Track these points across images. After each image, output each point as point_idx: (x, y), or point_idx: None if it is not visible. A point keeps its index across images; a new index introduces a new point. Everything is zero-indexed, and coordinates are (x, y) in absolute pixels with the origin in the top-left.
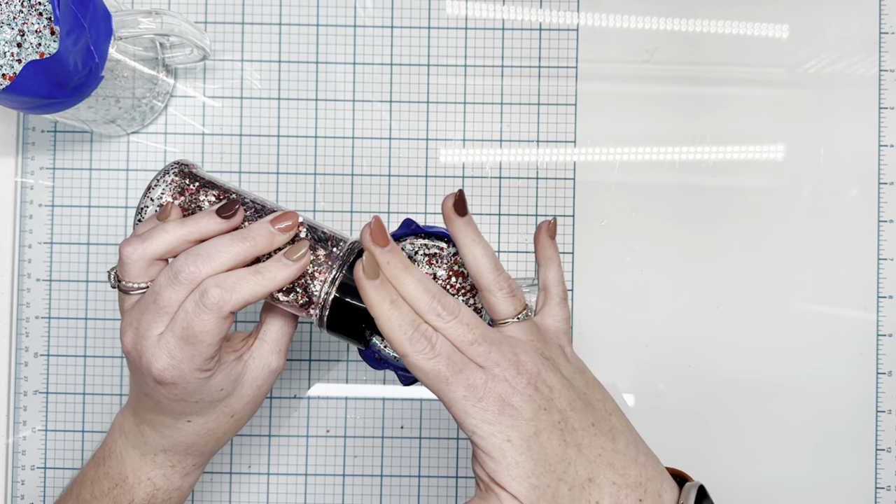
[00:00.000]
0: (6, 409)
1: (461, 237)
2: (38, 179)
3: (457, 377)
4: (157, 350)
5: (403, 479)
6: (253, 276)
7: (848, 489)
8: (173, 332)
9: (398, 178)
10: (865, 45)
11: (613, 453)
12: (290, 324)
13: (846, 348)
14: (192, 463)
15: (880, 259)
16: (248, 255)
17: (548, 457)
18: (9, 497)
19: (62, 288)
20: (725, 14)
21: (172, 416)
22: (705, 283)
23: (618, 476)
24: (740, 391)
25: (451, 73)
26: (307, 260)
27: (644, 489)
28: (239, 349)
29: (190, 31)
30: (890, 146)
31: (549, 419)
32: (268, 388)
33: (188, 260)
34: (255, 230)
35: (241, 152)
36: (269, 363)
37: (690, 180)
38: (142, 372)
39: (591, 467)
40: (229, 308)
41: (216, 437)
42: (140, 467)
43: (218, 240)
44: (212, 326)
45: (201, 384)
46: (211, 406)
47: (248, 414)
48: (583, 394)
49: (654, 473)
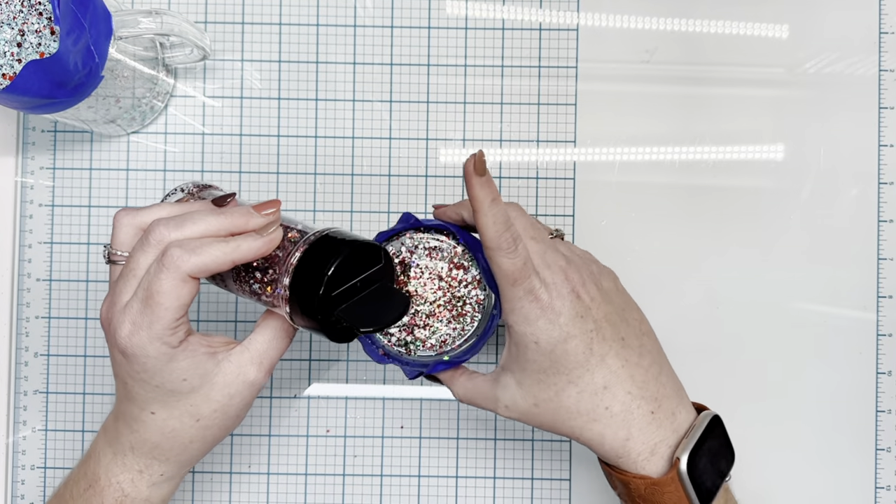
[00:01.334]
0: (6, 409)
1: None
2: (38, 179)
3: (523, 280)
4: (122, 317)
5: (403, 479)
6: (217, 242)
7: (848, 489)
8: (137, 297)
9: (398, 178)
10: (865, 45)
11: (637, 367)
12: (280, 339)
13: (846, 348)
14: (159, 472)
15: (880, 259)
16: (222, 227)
17: (568, 362)
18: (9, 497)
19: (62, 288)
20: (725, 14)
21: (138, 405)
22: (705, 283)
23: (635, 388)
24: (740, 391)
25: (451, 73)
26: (277, 236)
27: (658, 404)
28: (215, 346)
29: (190, 30)
30: (890, 146)
31: (583, 327)
32: (242, 402)
33: (161, 223)
34: (235, 209)
35: (241, 152)
36: (246, 373)
37: (690, 180)
38: (111, 344)
39: (611, 377)
40: (187, 268)
41: (182, 443)
42: (111, 468)
43: (194, 211)
44: (168, 287)
45: (162, 363)
46: (173, 397)
47: (218, 426)
48: (621, 310)
49: (673, 393)
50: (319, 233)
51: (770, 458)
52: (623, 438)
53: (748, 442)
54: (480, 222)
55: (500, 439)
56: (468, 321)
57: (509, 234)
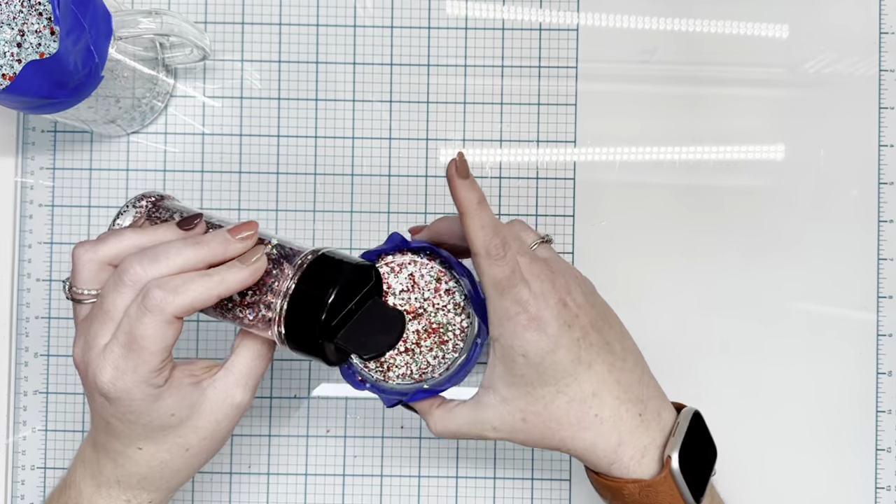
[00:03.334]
0: (6, 409)
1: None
2: (38, 179)
3: (511, 290)
4: (101, 361)
5: (403, 479)
6: (200, 279)
7: (848, 489)
8: (117, 340)
9: (398, 178)
10: (865, 45)
11: (622, 371)
12: (262, 358)
13: (846, 348)
14: (147, 499)
15: (880, 259)
16: (200, 259)
17: (556, 372)
18: (9, 497)
19: (62, 288)
20: (725, 14)
21: (122, 442)
22: (705, 283)
23: (622, 392)
24: (740, 391)
25: (451, 73)
26: (262, 264)
27: (645, 406)
28: (198, 375)
29: (190, 31)
30: (890, 146)
31: (571, 336)
32: (229, 425)
33: (133, 260)
34: (211, 236)
35: (241, 152)
36: (233, 396)
37: (690, 180)
38: (90, 387)
39: (598, 383)
40: (172, 310)
41: (171, 472)
42: (95, 500)
43: (169, 243)
44: (153, 331)
45: (148, 403)
46: (162, 432)
47: (207, 451)
48: (603, 314)
49: (656, 394)
50: (313, 254)
51: (770, 457)
52: (615, 444)
53: (748, 442)
54: (468, 226)
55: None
56: (450, 349)
57: (498, 239)
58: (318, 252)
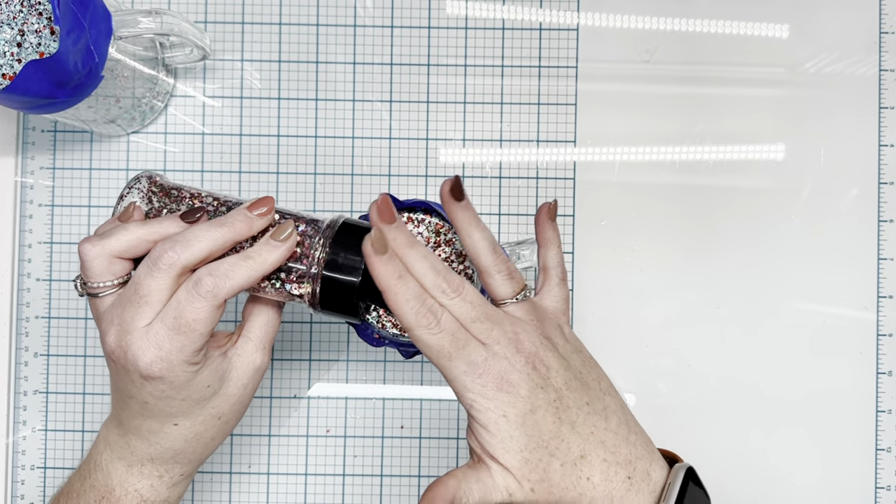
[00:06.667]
0: (6, 409)
1: (459, 221)
2: (38, 179)
3: (459, 353)
4: (144, 342)
5: (403, 479)
6: (244, 262)
7: (848, 489)
8: (164, 322)
9: (398, 178)
10: (865, 45)
11: (605, 431)
12: (274, 319)
13: (846, 348)
14: (179, 472)
15: (880, 259)
16: (227, 240)
17: (542, 433)
18: (9, 497)
19: (62, 288)
20: (725, 14)
21: (159, 420)
22: (705, 283)
23: (609, 454)
24: (740, 391)
25: (451, 73)
26: (294, 239)
27: (633, 467)
28: (223, 345)
29: (190, 30)
30: (890, 146)
31: (546, 397)
32: (254, 388)
33: (166, 246)
34: (233, 216)
35: (241, 152)
36: (254, 360)
37: (690, 180)
38: (127, 370)
39: (584, 444)
40: (224, 295)
41: (204, 442)
42: (127, 479)
43: (196, 227)
44: (205, 314)
45: (188, 379)
46: (198, 405)
47: (236, 416)
48: (579, 373)
49: (645, 453)
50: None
51: (770, 457)
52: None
53: (748, 442)
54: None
55: None
56: None
57: (425, 308)
58: (339, 221)
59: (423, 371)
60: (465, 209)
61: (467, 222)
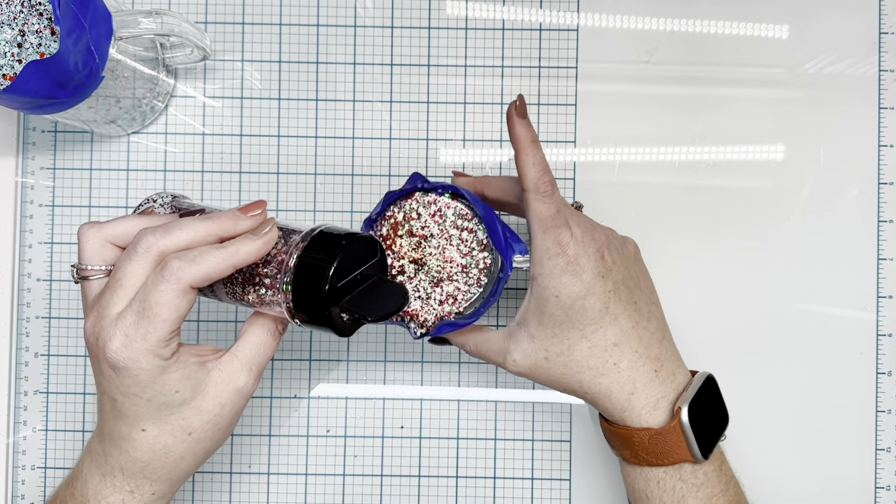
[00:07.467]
0: (6, 409)
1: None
2: (39, 179)
3: (554, 229)
4: (113, 329)
5: (403, 479)
6: (216, 250)
7: (848, 489)
8: (132, 308)
9: (398, 178)
10: (865, 45)
11: (644, 330)
12: (268, 343)
13: (846, 348)
14: (150, 491)
15: (880, 259)
16: (209, 232)
17: (584, 317)
18: (9, 497)
19: (62, 288)
20: (725, 14)
21: (128, 424)
22: (705, 283)
23: (642, 347)
24: (740, 391)
25: (451, 73)
26: (273, 236)
27: (661, 363)
28: (205, 356)
29: (190, 31)
30: (890, 146)
31: (603, 286)
32: (233, 411)
33: (146, 231)
34: (221, 213)
35: (241, 152)
36: (237, 380)
37: (690, 180)
38: (99, 358)
39: (621, 335)
40: (188, 279)
41: (174, 459)
42: (100, 490)
43: (182, 218)
44: (168, 298)
45: (154, 375)
46: (166, 410)
47: (211, 438)
48: (636, 276)
49: (674, 356)
50: (313, 230)
51: (770, 457)
52: (628, 392)
53: (748, 442)
54: (521, 161)
55: (500, 439)
56: (474, 284)
57: (548, 176)
58: (318, 228)
59: (424, 371)
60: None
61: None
